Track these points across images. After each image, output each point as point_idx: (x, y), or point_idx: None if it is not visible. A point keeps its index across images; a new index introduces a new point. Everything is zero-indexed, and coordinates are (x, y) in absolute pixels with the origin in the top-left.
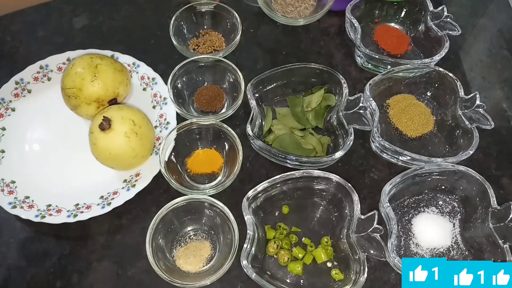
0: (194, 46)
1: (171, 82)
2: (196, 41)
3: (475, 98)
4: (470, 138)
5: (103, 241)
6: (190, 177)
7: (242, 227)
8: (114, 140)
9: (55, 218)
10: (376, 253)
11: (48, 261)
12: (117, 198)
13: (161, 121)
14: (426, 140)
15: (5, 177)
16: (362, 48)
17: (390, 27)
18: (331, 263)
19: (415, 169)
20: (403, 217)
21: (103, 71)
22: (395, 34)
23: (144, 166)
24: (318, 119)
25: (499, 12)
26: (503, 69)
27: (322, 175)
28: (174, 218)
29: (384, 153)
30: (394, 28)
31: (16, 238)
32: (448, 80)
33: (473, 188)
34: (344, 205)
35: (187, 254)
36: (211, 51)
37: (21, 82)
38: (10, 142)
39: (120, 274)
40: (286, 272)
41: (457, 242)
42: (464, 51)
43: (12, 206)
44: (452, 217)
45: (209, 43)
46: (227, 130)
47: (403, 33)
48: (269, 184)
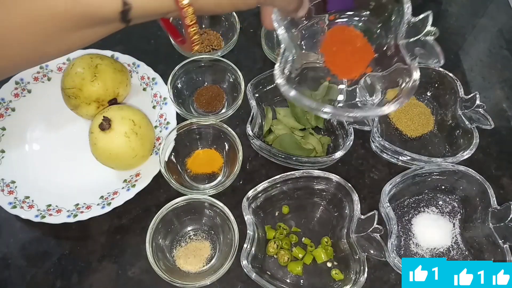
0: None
1: (171, 82)
2: None
3: (475, 98)
4: (470, 138)
5: (103, 241)
6: (190, 177)
7: (242, 227)
8: (114, 140)
9: (55, 218)
10: (376, 253)
11: (48, 261)
12: (117, 198)
13: (161, 121)
14: (426, 140)
15: (5, 177)
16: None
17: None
18: (331, 263)
19: (415, 169)
20: (403, 217)
21: (103, 71)
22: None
23: (144, 166)
24: (318, 119)
25: (499, 12)
26: (503, 69)
27: (322, 175)
28: (174, 218)
29: (384, 153)
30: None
31: (16, 238)
32: (448, 80)
33: (473, 188)
34: (344, 205)
35: (187, 254)
36: (210, 50)
37: (21, 82)
38: (10, 142)
39: (120, 274)
40: (286, 272)
41: (457, 242)
42: (464, 51)
43: (12, 206)
44: (452, 217)
45: (207, 42)
46: (227, 130)
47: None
48: (269, 184)
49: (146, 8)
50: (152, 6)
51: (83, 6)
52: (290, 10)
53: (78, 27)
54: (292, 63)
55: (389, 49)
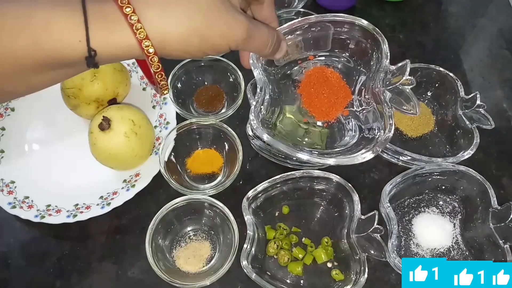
0: None
1: (171, 82)
2: None
3: (475, 98)
4: (470, 138)
5: (103, 241)
6: (190, 177)
7: (242, 227)
8: (114, 140)
9: (55, 218)
10: (377, 253)
11: (48, 261)
12: (116, 198)
13: (161, 121)
14: (426, 140)
15: (4, 177)
16: None
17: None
18: (331, 263)
19: (416, 169)
20: (403, 217)
21: (102, 71)
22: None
23: (144, 166)
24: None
25: (499, 12)
26: (503, 69)
27: (322, 175)
28: (174, 218)
29: (384, 153)
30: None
31: (16, 238)
32: (448, 80)
33: (474, 188)
34: (344, 205)
35: (187, 255)
36: None
37: None
38: (9, 142)
39: (120, 274)
40: (286, 273)
41: (457, 242)
42: (464, 51)
43: (11, 206)
44: (452, 217)
45: None
46: (227, 130)
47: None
48: (269, 184)
49: (113, 53)
50: (118, 52)
51: (45, 51)
52: (266, 54)
53: (42, 69)
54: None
55: (367, 93)
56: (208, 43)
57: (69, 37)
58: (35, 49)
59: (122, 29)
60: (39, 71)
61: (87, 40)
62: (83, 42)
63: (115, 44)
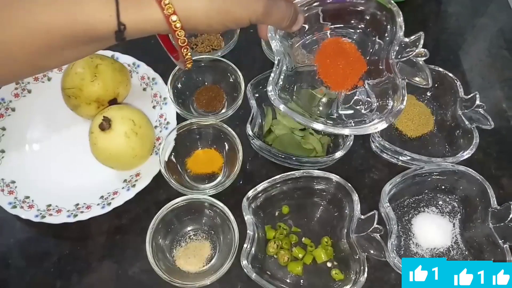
0: (192, 45)
1: (171, 82)
2: (194, 40)
3: (475, 98)
4: (470, 138)
5: (103, 241)
6: (190, 177)
7: (242, 227)
8: (114, 140)
9: (55, 218)
10: (376, 253)
11: (48, 261)
12: (117, 198)
13: (161, 121)
14: (426, 140)
15: (5, 177)
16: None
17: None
18: (331, 263)
19: (415, 169)
20: (403, 217)
21: (103, 71)
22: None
23: (144, 166)
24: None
25: (499, 12)
26: (503, 69)
27: (322, 175)
28: (174, 218)
29: (384, 153)
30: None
31: (16, 238)
32: (448, 80)
33: (473, 188)
34: (344, 205)
35: (187, 254)
36: (210, 50)
37: (21, 82)
38: (10, 142)
39: (120, 274)
40: (286, 272)
41: (457, 242)
42: (464, 51)
43: (12, 206)
44: (452, 217)
45: (208, 42)
46: (227, 130)
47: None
48: (269, 184)
49: (141, 28)
50: (146, 26)
51: (79, 25)
52: (284, 27)
53: (73, 44)
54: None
55: (381, 64)
56: (229, 17)
57: (100, 12)
58: (68, 23)
59: (150, 4)
60: (72, 45)
61: (117, 15)
62: (114, 16)
63: (143, 19)
